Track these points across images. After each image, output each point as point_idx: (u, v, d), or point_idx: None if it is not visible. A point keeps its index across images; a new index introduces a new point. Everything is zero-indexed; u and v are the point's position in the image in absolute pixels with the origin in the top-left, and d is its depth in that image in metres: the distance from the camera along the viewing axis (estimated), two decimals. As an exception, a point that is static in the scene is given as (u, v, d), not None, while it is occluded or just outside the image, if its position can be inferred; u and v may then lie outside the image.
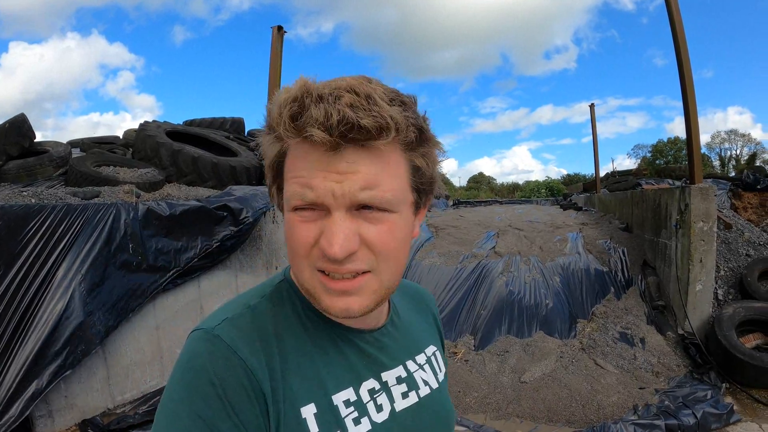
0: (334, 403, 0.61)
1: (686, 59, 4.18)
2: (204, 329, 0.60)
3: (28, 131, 4.11)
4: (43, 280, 3.25)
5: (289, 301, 0.66)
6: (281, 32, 5.16)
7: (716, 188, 4.44)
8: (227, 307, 0.65)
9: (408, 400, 0.70)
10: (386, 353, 0.70)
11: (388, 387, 0.68)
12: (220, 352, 0.57)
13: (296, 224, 0.57)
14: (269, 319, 0.63)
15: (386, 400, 0.67)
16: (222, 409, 0.54)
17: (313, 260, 0.58)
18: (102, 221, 3.56)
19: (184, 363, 0.58)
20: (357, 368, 0.66)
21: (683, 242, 4.32)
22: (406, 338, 0.76)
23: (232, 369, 0.56)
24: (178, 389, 0.57)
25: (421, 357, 0.77)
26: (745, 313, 4.24)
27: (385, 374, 0.69)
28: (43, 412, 3.24)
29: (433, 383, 0.76)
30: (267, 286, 0.69)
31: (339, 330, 0.66)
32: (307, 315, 0.65)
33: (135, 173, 4.12)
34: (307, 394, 0.60)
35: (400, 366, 0.72)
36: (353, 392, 0.64)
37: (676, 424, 3.37)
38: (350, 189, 0.54)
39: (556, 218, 6.87)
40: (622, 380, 3.95)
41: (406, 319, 0.79)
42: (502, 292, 4.72)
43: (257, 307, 0.64)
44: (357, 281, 0.58)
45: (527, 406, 3.67)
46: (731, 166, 34.19)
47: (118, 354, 3.64)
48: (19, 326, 3.13)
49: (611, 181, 9.60)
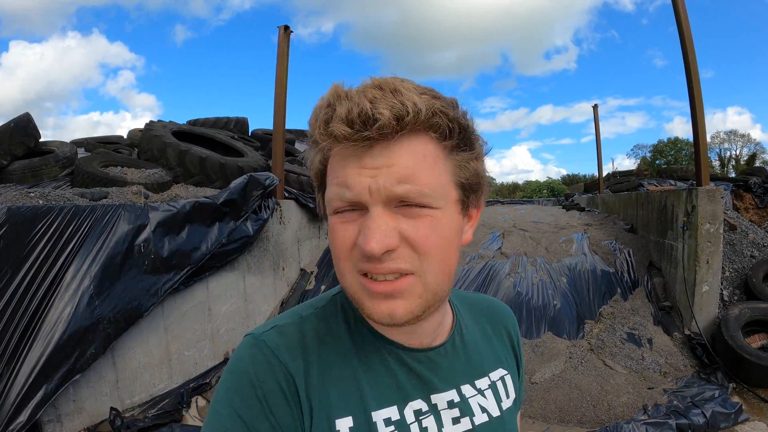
0: (372, 420, 0.60)
1: (693, 63, 4.21)
2: (253, 335, 0.63)
3: (33, 131, 4.04)
4: (52, 283, 3.21)
5: (341, 313, 0.67)
6: (288, 32, 5.13)
7: (722, 190, 4.48)
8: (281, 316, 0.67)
9: (459, 427, 0.66)
10: (439, 375, 0.67)
11: (438, 410, 0.65)
12: (263, 356, 0.59)
13: (336, 226, 0.58)
14: (316, 330, 0.64)
15: (433, 423, 0.64)
16: (260, 410, 0.56)
17: (355, 262, 0.57)
18: (111, 223, 3.51)
19: (231, 366, 0.61)
20: (405, 387, 0.63)
21: (690, 244, 4.35)
22: (468, 360, 0.72)
23: (271, 372, 0.58)
24: (222, 390, 0.59)
25: (484, 381, 0.72)
26: (751, 313, 4.28)
27: (435, 396, 0.65)
28: (52, 417, 3.20)
29: (493, 411, 0.70)
30: (322, 299, 0.70)
31: (389, 346, 0.65)
32: (358, 329, 0.65)
33: (143, 174, 4.07)
34: (345, 407, 0.59)
35: (454, 390, 0.68)
36: (396, 411, 0.62)
37: (687, 424, 3.40)
38: (385, 183, 0.53)
39: (559, 219, 6.90)
40: (631, 380, 3.97)
41: (472, 339, 0.74)
42: (510, 293, 4.73)
43: (307, 318, 0.66)
44: (400, 283, 0.56)
45: (539, 407, 3.68)
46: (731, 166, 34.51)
47: (127, 357, 3.60)
48: (27, 330, 3.09)
49: (613, 181, 9.65)
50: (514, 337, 0.84)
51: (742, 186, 5.96)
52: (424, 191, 0.55)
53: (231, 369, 0.61)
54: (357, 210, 0.56)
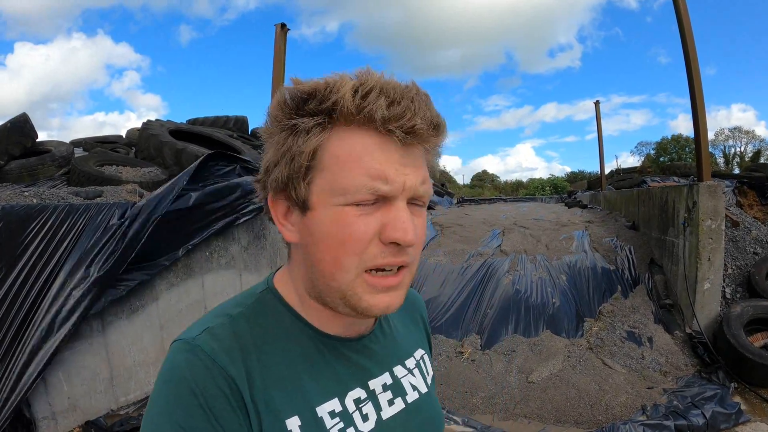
0: (318, 415, 0.60)
1: (694, 58, 4.13)
2: (184, 340, 0.59)
3: (30, 131, 4.07)
4: (46, 281, 3.22)
5: (273, 311, 0.64)
6: (284, 30, 5.12)
7: (724, 186, 4.39)
8: (207, 318, 0.63)
9: (394, 407, 0.69)
10: (374, 361, 0.69)
11: (375, 395, 0.67)
12: (200, 361, 0.56)
13: (354, 218, 0.54)
14: (250, 330, 0.61)
15: (372, 409, 0.66)
16: (205, 420, 0.53)
17: (367, 259, 0.56)
18: (105, 221, 3.52)
19: (165, 375, 0.57)
20: (343, 378, 0.64)
21: (691, 240, 4.27)
22: (395, 343, 0.75)
23: (212, 378, 0.55)
24: (159, 402, 0.55)
25: (411, 361, 0.76)
26: (754, 311, 4.20)
27: (372, 382, 0.68)
28: (47, 414, 3.22)
29: (422, 388, 0.75)
30: (248, 296, 0.66)
31: (326, 340, 0.65)
32: (293, 326, 0.64)
33: (138, 172, 4.08)
34: (291, 406, 0.59)
35: (387, 373, 0.70)
36: (338, 403, 0.63)
37: (686, 425, 3.34)
38: (415, 182, 0.56)
39: (561, 216, 6.83)
40: (630, 380, 3.91)
41: (394, 323, 0.78)
42: (508, 291, 4.69)
43: (238, 318, 0.62)
44: (400, 275, 0.58)
45: (535, 407, 3.64)
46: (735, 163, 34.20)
47: (122, 355, 3.61)
48: (23, 326, 3.10)
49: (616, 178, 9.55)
50: (426, 321, 0.90)
51: (746, 183, 5.85)
52: (431, 192, 0.60)
53: (166, 378, 0.57)
54: (375, 203, 0.55)
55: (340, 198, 0.54)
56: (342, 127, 0.54)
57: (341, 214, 0.54)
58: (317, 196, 0.56)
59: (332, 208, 0.55)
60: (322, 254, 0.57)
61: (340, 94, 0.53)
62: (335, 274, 0.57)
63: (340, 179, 0.54)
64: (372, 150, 0.54)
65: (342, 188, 0.54)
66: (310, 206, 0.57)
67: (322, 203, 0.55)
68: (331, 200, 0.55)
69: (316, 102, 0.54)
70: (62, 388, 3.30)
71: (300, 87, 0.56)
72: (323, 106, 0.54)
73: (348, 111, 0.53)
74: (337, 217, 0.55)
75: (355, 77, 0.55)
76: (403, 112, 0.53)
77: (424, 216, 0.62)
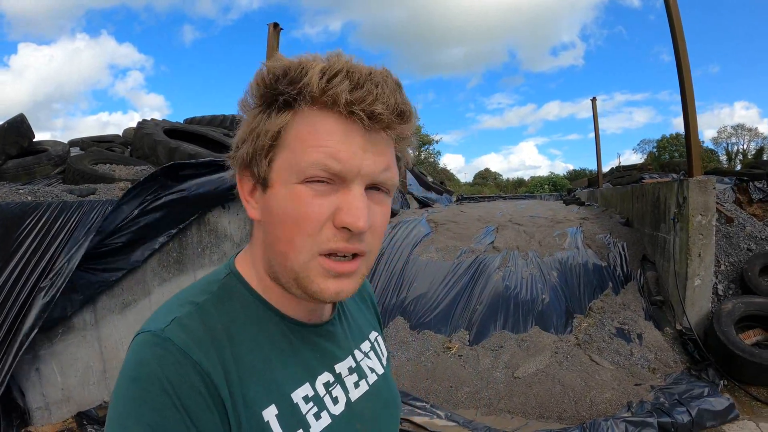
0: (294, 401, 0.60)
1: (684, 54, 4.10)
2: (151, 332, 0.55)
3: (26, 131, 4.20)
4: (40, 275, 3.32)
5: (238, 297, 0.62)
6: (277, 29, 5.18)
7: (715, 181, 4.36)
8: (171, 307, 0.60)
9: (360, 389, 0.70)
10: (337, 344, 0.70)
11: (342, 378, 0.68)
12: (172, 356, 0.52)
13: (308, 198, 0.54)
14: (219, 318, 0.59)
15: (341, 391, 0.67)
16: (179, 420, 0.50)
17: (320, 241, 0.55)
18: (97, 218, 3.62)
19: (130, 371, 0.52)
20: (311, 363, 0.65)
21: (681, 236, 4.25)
22: (352, 327, 0.77)
23: (186, 374, 0.52)
24: (125, 402, 0.51)
25: (366, 344, 0.78)
26: (745, 308, 4.16)
27: (338, 366, 0.69)
28: (41, 405, 3.33)
29: (378, 369, 0.77)
30: (212, 282, 0.63)
31: (292, 325, 0.64)
32: (259, 311, 0.62)
33: (131, 170, 4.19)
34: (267, 396, 0.58)
35: (350, 356, 0.72)
36: (310, 387, 0.63)
37: (670, 422, 3.32)
38: (375, 168, 0.55)
39: (557, 213, 6.81)
40: (617, 376, 3.90)
41: (348, 307, 0.79)
42: (498, 287, 4.70)
43: (204, 306, 0.59)
44: (354, 263, 0.58)
45: (519, 402, 3.66)
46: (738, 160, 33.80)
47: (114, 348, 3.71)
48: (17, 318, 3.21)
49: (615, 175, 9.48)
50: (375, 301, 0.91)
51: (745, 180, 5.78)
52: (395, 181, 0.59)
53: (133, 376, 0.52)
54: (331, 184, 0.55)
55: (294, 176, 0.54)
56: (308, 108, 0.55)
57: (297, 193, 0.54)
58: (276, 173, 0.56)
59: (289, 186, 0.55)
60: (278, 233, 0.57)
61: (308, 76, 0.53)
62: (289, 253, 0.56)
63: (298, 157, 0.54)
64: (333, 132, 0.54)
65: (298, 166, 0.54)
66: (269, 184, 0.57)
67: (280, 181, 0.55)
68: (288, 178, 0.55)
69: (287, 82, 0.54)
70: (56, 379, 3.41)
71: (276, 65, 0.56)
72: (292, 86, 0.54)
73: (313, 93, 0.53)
74: (292, 195, 0.55)
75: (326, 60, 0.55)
76: (365, 96, 0.52)
77: (385, 204, 0.60)
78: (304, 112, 0.55)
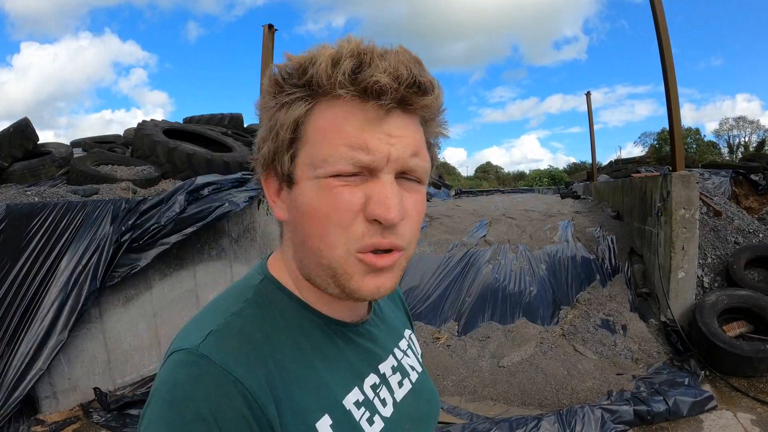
0: (346, 408, 0.56)
1: (667, 46, 4.16)
2: (186, 350, 0.50)
3: (31, 134, 4.41)
4: (47, 273, 3.53)
5: (277, 302, 0.59)
6: (272, 30, 5.31)
7: (698, 176, 4.42)
8: (206, 318, 0.55)
9: (404, 389, 0.68)
10: (378, 344, 0.67)
11: (387, 379, 0.65)
12: (210, 376, 0.47)
13: (338, 189, 0.51)
14: (259, 327, 0.55)
15: (387, 393, 0.64)
16: None
17: (354, 238, 0.52)
18: (101, 216, 3.82)
19: (164, 394, 0.48)
20: (356, 365, 0.61)
21: (666, 230, 4.33)
22: (389, 326, 0.74)
23: (227, 396, 0.47)
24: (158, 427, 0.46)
25: (403, 343, 0.75)
26: (729, 300, 4.24)
27: (382, 366, 0.66)
28: (48, 394, 3.54)
29: (417, 367, 0.75)
30: (247, 288, 0.60)
31: (335, 327, 0.61)
32: (299, 315, 0.59)
33: (132, 171, 4.38)
34: (318, 406, 0.53)
35: (391, 355, 0.69)
36: (359, 392, 0.59)
37: (646, 410, 3.42)
38: (402, 153, 0.52)
39: (552, 207, 6.90)
40: (599, 366, 4.03)
41: (383, 306, 0.76)
42: (487, 280, 4.83)
43: (242, 314, 0.55)
44: (393, 256, 0.54)
45: (502, 390, 3.80)
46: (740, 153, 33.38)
47: (118, 340, 3.92)
48: (25, 314, 3.42)
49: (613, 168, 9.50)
50: (403, 298, 0.89)
51: (741, 173, 5.81)
52: (426, 167, 0.56)
53: (167, 399, 0.47)
54: (360, 175, 0.52)
55: (320, 170, 0.52)
56: (324, 98, 0.53)
57: (324, 186, 0.52)
58: (300, 169, 0.54)
59: (315, 180, 0.52)
60: (309, 229, 0.54)
61: (316, 65, 0.51)
62: (323, 250, 0.53)
63: (321, 150, 0.52)
64: (353, 119, 0.51)
65: (322, 159, 0.51)
66: (294, 180, 0.54)
67: (306, 176, 0.53)
68: (313, 173, 0.52)
69: (299, 75, 0.53)
70: (63, 369, 3.62)
71: (287, 63, 0.55)
72: (304, 79, 0.52)
73: (324, 81, 0.51)
74: (320, 188, 0.52)
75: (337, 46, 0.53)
76: (373, 73, 0.49)
77: (419, 192, 0.57)
78: (322, 104, 0.53)
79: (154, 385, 0.50)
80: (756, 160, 6.44)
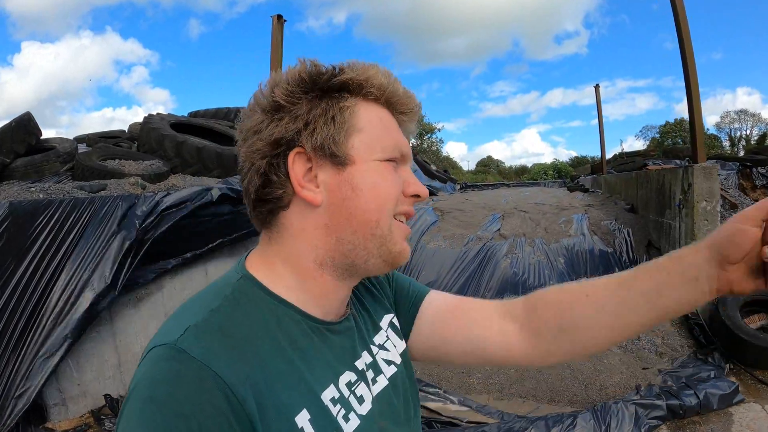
0: (324, 404, 0.57)
1: (688, 40, 4.10)
2: (166, 344, 0.50)
3: (34, 129, 4.20)
4: (53, 273, 3.35)
5: (255, 299, 0.59)
6: (281, 21, 5.15)
7: (719, 167, 4.39)
8: (185, 314, 0.55)
9: (379, 384, 0.68)
10: (354, 341, 0.68)
11: (364, 375, 0.66)
12: (190, 371, 0.47)
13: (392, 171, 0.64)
14: (238, 323, 0.55)
15: (365, 389, 0.64)
16: None
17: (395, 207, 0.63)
18: (109, 213, 3.64)
19: (143, 391, 0.47)
20: (332, 363, 0.62)
21: (687, 222, 4.29)
22: (365, 318, 0.73)
23: (207, 392, 0.46)
24: (138, 425, 0.46)
25: (381, 335, 0.74)
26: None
27: (359, 362, 0.66)
28: (57, 401, 3.36)
29: (396, 359, 0.74)
30: (226, 286, 0.60)
31: (313, 324, 0.62)
32: (277, 311, 0.59)
33: (140, 165, 4.20)
34: (298, 401, 0.54)
35: (365, 351, 0.69)
36: (335, 389, 0.60)
37: (678, 405, 3.38)
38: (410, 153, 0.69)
39: (562, 200, 6.85)
40: (625, 361, 3.97)
41: (361, 295, 0.76)
42: (506, 274, 4.75)
43: (221, 311, 0.55)
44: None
45: (530, 386, 3.72)
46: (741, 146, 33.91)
47: (129, 341, 3.75)
48: (32, 316, 3.24)
49: (619, 162, 9.51)
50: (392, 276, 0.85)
51: (748, 165, 5.82)
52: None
53: (145, 396, 0.47)
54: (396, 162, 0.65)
55: (379, 154, 0.62)
56: (365, 99, 0.63)
57: (382, 167, 0.62)
58: (357, 151, 0.60)
59: (373, 162, 0.61)
60: (367, 204, 0.60)
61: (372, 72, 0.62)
62: (380, 220, 0.61)
63: (380, 138, 0.63)
64: (391, 121, 0.66)
65: (382, 146, 0.62)
66: (350, 161, 0.60)
67: (362, 158, 0.61)
68: (371, 155, 0.61)
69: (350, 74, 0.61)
70: (72, 374, 3.45)
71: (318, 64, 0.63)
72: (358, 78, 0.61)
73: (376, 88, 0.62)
74: (380, 169, 0.62)
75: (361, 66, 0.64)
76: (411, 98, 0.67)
77: None
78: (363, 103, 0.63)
79: (132, 381, 0.50)
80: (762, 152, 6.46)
